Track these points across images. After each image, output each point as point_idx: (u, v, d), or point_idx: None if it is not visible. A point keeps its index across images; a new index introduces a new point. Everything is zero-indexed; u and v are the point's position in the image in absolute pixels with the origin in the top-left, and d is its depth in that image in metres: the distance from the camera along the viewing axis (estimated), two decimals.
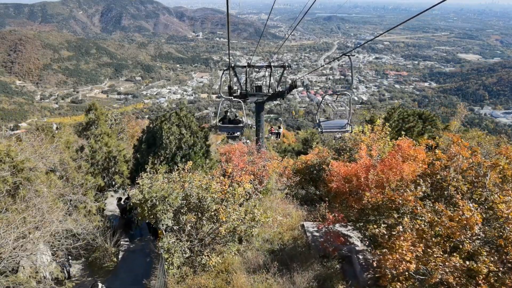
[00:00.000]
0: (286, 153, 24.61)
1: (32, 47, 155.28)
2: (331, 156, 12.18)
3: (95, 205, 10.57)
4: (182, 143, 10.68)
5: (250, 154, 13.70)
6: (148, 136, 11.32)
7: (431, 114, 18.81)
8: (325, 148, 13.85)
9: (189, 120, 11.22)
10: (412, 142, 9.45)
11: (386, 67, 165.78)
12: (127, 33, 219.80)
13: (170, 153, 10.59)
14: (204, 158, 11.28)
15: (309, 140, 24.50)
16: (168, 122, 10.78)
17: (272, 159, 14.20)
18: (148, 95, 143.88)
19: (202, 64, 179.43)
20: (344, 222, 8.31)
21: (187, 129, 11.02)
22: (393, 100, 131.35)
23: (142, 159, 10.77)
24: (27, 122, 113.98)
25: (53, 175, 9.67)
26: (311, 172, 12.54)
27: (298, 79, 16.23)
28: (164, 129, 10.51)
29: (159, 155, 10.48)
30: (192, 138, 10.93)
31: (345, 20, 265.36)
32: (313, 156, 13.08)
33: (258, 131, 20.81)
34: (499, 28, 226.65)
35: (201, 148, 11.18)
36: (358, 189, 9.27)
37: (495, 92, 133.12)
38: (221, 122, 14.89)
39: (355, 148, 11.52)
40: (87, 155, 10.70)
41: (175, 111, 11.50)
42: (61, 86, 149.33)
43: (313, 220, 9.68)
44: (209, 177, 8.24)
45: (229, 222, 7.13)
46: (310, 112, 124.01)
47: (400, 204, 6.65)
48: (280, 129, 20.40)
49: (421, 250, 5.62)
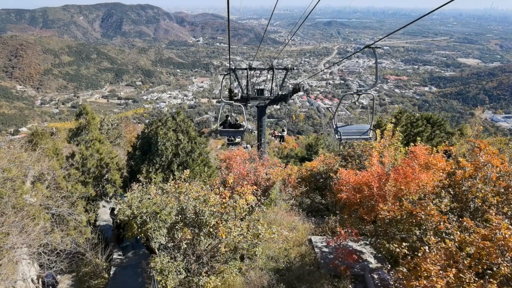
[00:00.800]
0: (289, 159, 23.88)
1: (33, 52, 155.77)
2: (339, 163, 11.42)
3: (85, 216, 9.82)
4: (179, 149, 9.96)
5: (251, 160, 12.97)
6: (143, 142, 10.60)
7: (439, 118, 18.14)
8: (331, 154, 13.12)
9: (186, 125, 10.48)
10: (427, 149, 8.73)
11: (386, 72, 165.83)
12: (128, 38, 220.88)
13: (166, 161, 9.86)
14: (203, 166, 10.53)
15: (313, 146, 23.81)
16: (164, 127, 10.06)
17: (275, 165, 13.53)
18: (148, 100, 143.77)
19: (202, 69, 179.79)
20: (357, 237, 7.54)
21: (184, 134, 10.29)
22: (393, 104, 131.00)
23: (136, 167, 10.03)
24: (27, 127, 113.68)
25: (40, 185, 8.95)
26: (317, 180, 11.81)
27: (301, 82, 15.69)
28: (159, 134, 9.78)
29: (154, 163, 9.75)
30: (190, 144, 10.20)
31: (345, 25, 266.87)
32: (319, 163, 12.35)
33: (259, 136, 20.03)
34: (498, 32, 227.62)
35: (199, 154, 10.44)
36: (370, 200, 8.53)
37: (495, 96, 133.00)
38: (221, 127, 14.42)
39: (364, 155, 10.80)
40: (77, 163, 9.98)
41: (172, 115, 10.77)
42: (62, 91, 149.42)
43: (322, 234, 8.89)
44: (207, 187, 7.50)
45: (230, 239, 6.36)
46: (311, 116, 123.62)
47: (422, 219, 5.90)
48: (284, 132, 19.45)
49: (452, 276, 4.85)
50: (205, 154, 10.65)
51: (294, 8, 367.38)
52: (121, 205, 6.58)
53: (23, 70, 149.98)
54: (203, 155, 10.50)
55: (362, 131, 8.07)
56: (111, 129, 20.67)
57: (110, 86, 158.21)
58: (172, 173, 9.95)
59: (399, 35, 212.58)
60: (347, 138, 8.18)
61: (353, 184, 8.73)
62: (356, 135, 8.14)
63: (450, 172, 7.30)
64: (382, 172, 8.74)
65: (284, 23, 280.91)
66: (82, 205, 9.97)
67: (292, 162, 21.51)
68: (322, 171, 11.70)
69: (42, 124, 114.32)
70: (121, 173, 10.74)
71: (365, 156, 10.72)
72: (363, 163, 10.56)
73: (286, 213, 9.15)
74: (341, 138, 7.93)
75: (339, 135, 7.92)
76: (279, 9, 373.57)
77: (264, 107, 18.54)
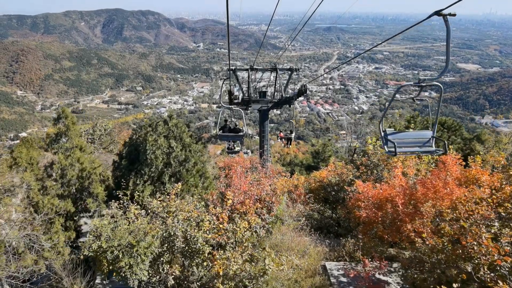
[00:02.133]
0: (293, 166, 22.54)
1: (34, 58, 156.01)
2: (353, 174, 10.18)
3: (63, 236, 8.53)
4: (171, 158, 8.67)
5: (253, 169, 11.73)
6: (130, 149, 9.31)
7: (454, 122, 16.93)
8: (342, 163, 11.83)
9: (180, 130, 9.20)
10: (459, 159, 7.49)
11: (386, 77, 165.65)
12: (129, 44, 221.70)
13: (156, 171, 8.57)
14: (199, 177, 9.26)
15: (320, 153, 22.29)
16: (154, 132, 8.77)
17: (279, 174, 12.26)
18: (148, 105, 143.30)
19: (202, 74, 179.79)
20: (383, 268, 6.23)
21: (177, 141, 8.99)
22: (394, 109, 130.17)
23: (122, 178, 8.77)
24: (27, 132, 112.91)
25: (8, 200, 7.70)
26: (328, 193, 10.48)
27: (306, 83, 14.90)
28: (148, 141, 8.45)
29: (143, 174, 8.45)
30: (184, 152, 8.92)
31: (344, 30, 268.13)
32: (330, 173, 11.08)
33: (262, 143, 18.72)
34: (497, 38, 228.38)
35: (194, 164, 9.15)
36: (394, 219, 7.26)
37: (495, 101, 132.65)
38: (221, 131, 13.36)
39: (381, 164, 9.52)
40: (56, 174, 8.74)
41: (164, 120, 9.48)
42: (62, 96, 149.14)
43: (338, 259, 7.58)
44: (202, 205, 6.25)
45: (229, 273, 5.08)
46: (311, 121, 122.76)
47: (474, 251, 4.63)
48: (292, 134, 17.60)
49: None
50: (201, 163, 9.37)
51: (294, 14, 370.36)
52: (88, 235, 5.34)
53: (24, 76, 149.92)
54: (198, 165, 9.23)
55: (423, 141, 5.91)
56: (104, 134, 19.50)
57: (110, 91, 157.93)
58: (163, 185, 8.67)
59: (399, 40, 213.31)
60: (403, 151, 5.98)
61: (373, 200, 7.46)
62: (414, 146, 5.91)
63: (496, 187, 6.04)
64: (407, 186, 7.49)
65: (284, 28, 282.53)
66: (59, 222, 8.69)
67: (297, 171, 20.03)
68: (334, 182, 10.33)
69: (42, 129, 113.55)
70: (107, 184, 9.49)
71: (382, 166, 9.44)
72: (380, 173, 9.27)
73: (295, 233, 7.87)
74: (395, 151, 5.65)
75: (392, 146, 5.73)
76: (279, 14, 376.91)
77: (266, 111, 17.47)
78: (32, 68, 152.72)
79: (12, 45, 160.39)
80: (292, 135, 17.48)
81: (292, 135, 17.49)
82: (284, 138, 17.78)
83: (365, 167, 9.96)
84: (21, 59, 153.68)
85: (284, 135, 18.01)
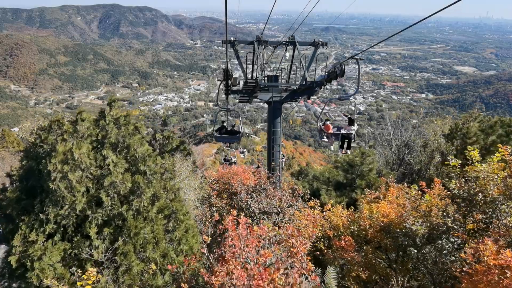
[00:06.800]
0: (312, 182, 15.29)
1: (28, 52, 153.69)
2: (452, 217, 5.50)
3: None
4: (104, 190, 4.72)
5: (260, 190, 8.63)
6: (29, 167, 5.13)
7: None
8: (404, 185, 7.83)
9: (125, 132, 5.16)
10: None
11: (383, 78, 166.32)
12: (125, 39, 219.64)
13: (73, 216, 4.70)
14: (165, 220, 5.21)
15: (354, 165, 13.95)
16: (70, 136, 4.78)
17: (298, 197, 8.70)
18: (144, 102, 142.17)
19: (199, 72, 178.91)
20: None
21: (120, 153, 4.93)
22: (391, 111, 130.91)
23: (7, 228, 5.00)
24: (19, 127, 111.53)
25: None
26: (402, 249, 6.31)
27: (341, 62, 9.67)
28: (57, 154, 4.50)
29: (46, 221, 4.58)
30: (132, 175, 4.96)
31: (342, 31, 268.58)
32: (399, 210, 6.55)
33: (271, 149, 12.73)
34: (493, 41, 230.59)
35: (153, 199, 5.09)
36: None
37: (492, 104, 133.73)
38: (217, 132, 13.14)
39: (489, 196, 5.14)
40: None
41: (100, 110, 5.52)
42: (57, 91, 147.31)
43: None
44: None
45: None
46: (308, 121, 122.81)
47: None
48: (354, 126, 10.56)
49: None
50: (169, 193, 5.32)
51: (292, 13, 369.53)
52: None
53: (18, 70, 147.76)
54: (162, 199, 5.13)
55: None
56: None
57: (106, 87, 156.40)
58: (88, 241, 4.85)
59: (396, 42, 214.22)
60: None
61: None
62: None
63: None
64: None
65: (282, 27, 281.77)
66: None
67: (324, 192, 13.55)
68: (418, 233, 5.77)
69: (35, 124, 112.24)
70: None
71: (501, 201, 5.06)
72: (501, 217, 4.96)
73: None
74: None
75: None
76: (277, 14, 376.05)
77: (279, 103, 12.36)
78: (26, 62, 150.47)
79: (6, 39, 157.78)
80: (353, 129, 10.37)
81: (353, 128, 10.39)
82: (338, 136, 10.22)
83: (465, 202, 5.45)
84: (15, 53, 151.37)
85: (336, 130, 10.28)
